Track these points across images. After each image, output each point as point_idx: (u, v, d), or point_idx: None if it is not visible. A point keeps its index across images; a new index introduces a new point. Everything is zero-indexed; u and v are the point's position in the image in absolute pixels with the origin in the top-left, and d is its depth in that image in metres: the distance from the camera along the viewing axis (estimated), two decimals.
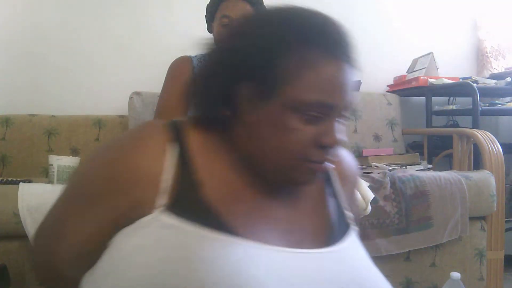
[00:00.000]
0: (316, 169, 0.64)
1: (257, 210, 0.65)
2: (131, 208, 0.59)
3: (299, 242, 0.64)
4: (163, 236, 0.57)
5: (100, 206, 0.61)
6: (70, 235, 0.63)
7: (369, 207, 1.42)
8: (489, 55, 2.55)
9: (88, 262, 0.62)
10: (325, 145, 0.62)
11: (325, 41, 0.61)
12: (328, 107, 0.61)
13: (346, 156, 0.81)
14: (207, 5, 1.59)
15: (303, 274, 0.60)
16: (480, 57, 2.62)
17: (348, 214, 0.75)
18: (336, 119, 0.63)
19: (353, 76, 0.63)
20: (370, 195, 1.44)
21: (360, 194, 1.43)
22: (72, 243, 0.63)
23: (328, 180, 0.76)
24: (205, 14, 1.61)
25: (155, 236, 0.57)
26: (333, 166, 0.67)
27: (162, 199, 0.58)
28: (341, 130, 0.63)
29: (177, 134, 0.64)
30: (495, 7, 2.57)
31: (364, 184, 1.48)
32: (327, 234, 0.68)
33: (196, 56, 1.60)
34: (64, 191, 0.66)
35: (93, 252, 0.61)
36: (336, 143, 0.62)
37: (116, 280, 0.57)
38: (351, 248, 0.69)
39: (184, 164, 0.61)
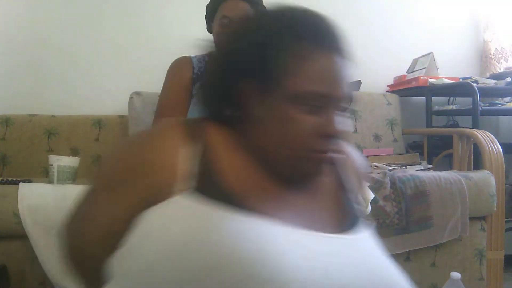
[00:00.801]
0: (321, 159, 0.66)
1: (276, 199, 0.67)
2: (150, 192, 0.63)
3: (319, 228, 0.66)
4: (184, 215, 0.60)
5: (123, 190, 0.65)
6: (98, 216, 0.68)
7: (369, 207, 1.42)
8: (492, 57, 2.55)
9: (114, 242, 0.65)
10: (327, 135, 0.65)
11: (318, 36, 0.65)
12: (326, 97, 0.64)
13: (353, 152, 0.85)
14: (207, 6, 1.59)
15: (327, 255, 0.62)
16: (484, 58, 2.62)
17: (358, 208, 0.78)
18: (336, 110, 0.65)
19: (347, 68, 0.66)
20: (370, 195, 1.44)
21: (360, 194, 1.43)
22: (100, 224, 0.67)
23: (339, 174, 0.79)
24: (205, 14, 1.61)
25: (177, 215, 0.60)
26: (338, 156, 0.69)
27: (182, 185, 0.62)
28: (343, 121, 0.66)
29: (193, 130, 0.68)
30: (501, 9, 2.56)
31: (364, 184, 1.48)
32: (340, 226, 0.70)
33: (195, 56, 1.60)
34: (94, 178, 0.73)
35: (118, 233, 0.65)
36: (337, 133, 0.65)
37: (141, 256, 0.60)
38: (366, 239, 0.71)
39: (203, 155, 0.65)
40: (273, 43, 0.65)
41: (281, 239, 0.60)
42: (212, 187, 0.63)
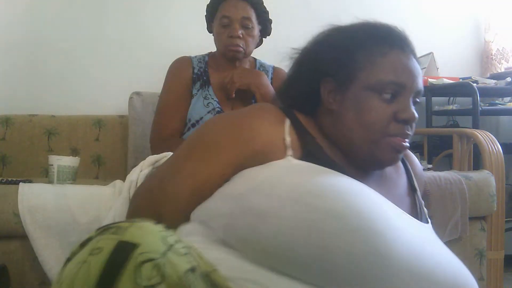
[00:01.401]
0: (396, 143, 0.74)
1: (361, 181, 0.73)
2: (254, 156, 0.72)
3: None
4: (300, 170, 0.69)
5: (227, 153, 0.74)
6: (191, 173, 0.75)
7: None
8: (493, 57, 2.55)
9: (204, 196, 0.73)
10: (403, 120, 0.73)
11: (391, 38, 0.77)
12: (401, 86, 0.74)
13: (416, 159, 0.95)
14: (207, 5, 1.59)
15: (422, 232, 0.72)
16: (485, 59, 2.61)
17: (426, 210, 0.87)
18: (410, 99, 0.75)
19: (418, 65, 0.77)
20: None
21: None
22: (189, 181, 0.74)
23: (409, 177, 0.88)
24: (205, 14, 1.61)
25: (292, 170, 0.69)
26: (408, 144, 0.77)
27: (289, 152, 0.73)
28: (415, 110, 0.75)
29: (287, 112, 0.79)
30: (503, 10, 2.55)
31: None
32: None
33: (196, 56, 1.60)
34: (186, 142, 0.80)
35: (210, 188, 0.72)
36: (412, 117, 0.74)
37: (251, 205, 0.65)
38: (433, 232, 0.80)
39: (300, 130, 0.76)
40: (353, 45, 0.76)
41: (391, 212, 0.68)
42: (312, 157, 0.72)
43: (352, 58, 0.76)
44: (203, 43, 1.71)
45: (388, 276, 0.60)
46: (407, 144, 0.76)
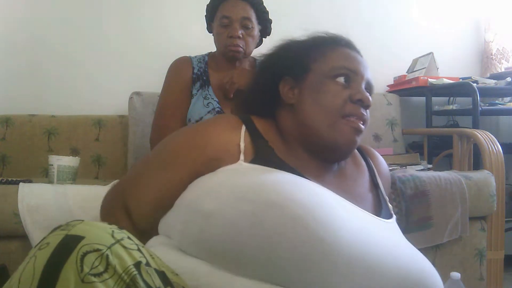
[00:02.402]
0: (353, 123, 0.79)
1: (316, 177, 0.78)
2: (208, 162, 0.76)
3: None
4: (247, 171, 0.73)
5: (183, 159, 0.78)
6: (151, 179, 0.79)
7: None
8: (494, 57, 2.55)
9: (165, 205, 0.76)
10: (358, 100, 0.79)
11: (339, 39, 0.87)
12: (352, 71, 0.81)
13: (380, 157, 0.99)
14: (207, 6, 1.58)
15: (373, 224, 0.74)
16: (485, 59, 2.61)
17: (389, 205, 0.90)
18: (363, 85, 0.81)
19: (365, 62, 0.85)
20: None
21: None
22: (151, 186, 0.78)
23: (371, 174, 0.92)
24: (205, 14, 1.61)
25: (239, 173, 0.72)
26: (365, 125, 0.82)
27: (242, 156, 0.76)
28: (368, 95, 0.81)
29: (243, 119, 0.84)
30: (504, 10, 2.55)
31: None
32: (372, 212, 0.81)
33: (195, 56, 1.60)
34: (147, 155, 0.85)
35: (170, 197, 0.75)
36: (366, 98, 0.80)
37: (200, 208, 0.67)
38: (395, 228, 0.84)
39: (255, 135, 0.80)
40: (309, 46, 0.86)
41: (337, 199, 0.72)
42: (263, 160, 0.76)
43: (306, 54, 0.85)
44: (203, 43, 1.71)
45: (332, 262, 0.61)
46: (363, 126, 0.81)
